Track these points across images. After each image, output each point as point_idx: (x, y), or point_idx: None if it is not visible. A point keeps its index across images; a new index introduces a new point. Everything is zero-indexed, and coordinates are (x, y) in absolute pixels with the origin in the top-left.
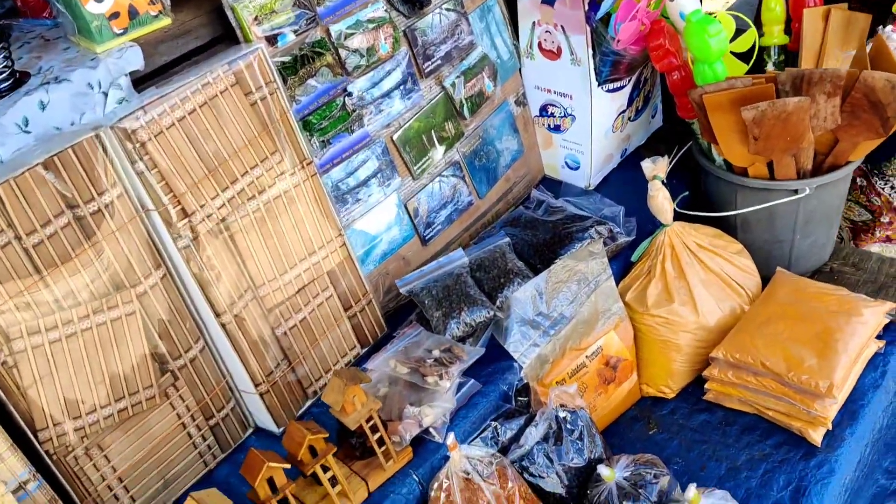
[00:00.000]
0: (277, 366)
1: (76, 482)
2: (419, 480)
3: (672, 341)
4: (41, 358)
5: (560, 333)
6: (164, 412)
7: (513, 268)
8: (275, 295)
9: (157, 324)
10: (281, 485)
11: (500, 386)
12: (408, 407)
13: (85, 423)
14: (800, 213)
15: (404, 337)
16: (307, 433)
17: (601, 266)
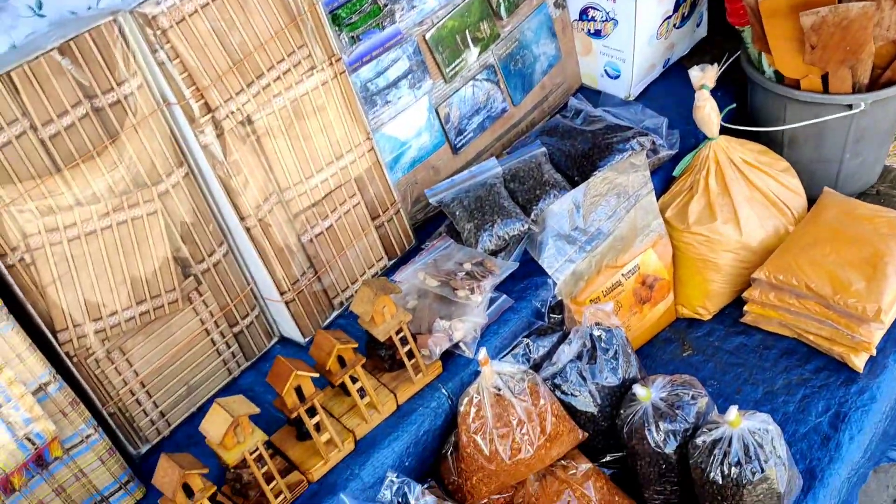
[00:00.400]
0: (303, 274)
1: (97, 385)
2: (448, 395)
3: (712, 261)
4: (60, 256)
5: (596, 250)
6: (187, 317)
7: (549, 179)
8: (301, 200)
9: (179, 225)
10: (309, 394)
11: (533, 302)
12: (438, 321)
13: (106, 326)
14: (851, 130)
15: (433, 249)
16: (336, 342)
17: (642, 180)
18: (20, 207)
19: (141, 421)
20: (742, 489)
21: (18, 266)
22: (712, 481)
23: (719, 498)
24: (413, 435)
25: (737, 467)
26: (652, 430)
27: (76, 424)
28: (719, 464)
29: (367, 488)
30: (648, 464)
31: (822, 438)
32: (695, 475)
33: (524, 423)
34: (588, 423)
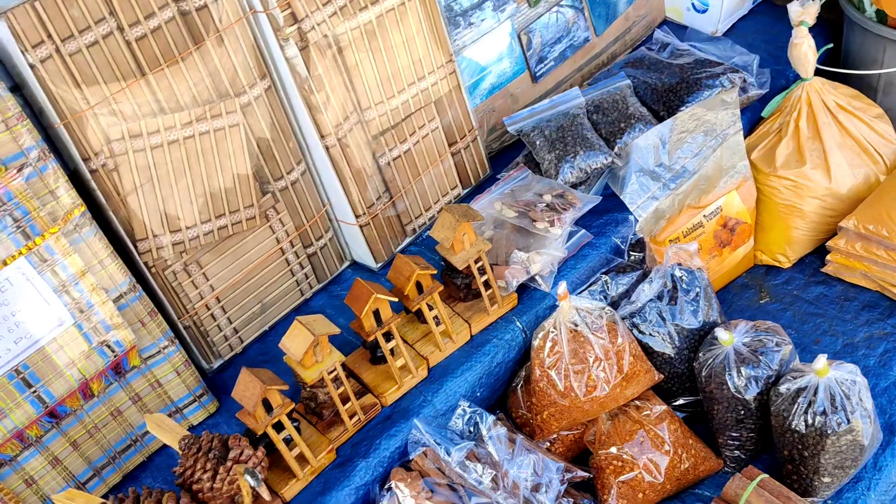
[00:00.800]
0: (378, 198)
1: (174, 298)
2: (523, 328)
3: (797, 207)
4: (142, 164)
5: (680, 188)
6: (263, 235)
7: (634, 112)
8: (380, 121)
9: (259, 140)
10: (386, 318)
11: (613, 239)
12: (515, 252)
13: (184, 238)
14: None
15: (510, 179)
16: (416, 268)
17: (731, 118)
18: (105, 111)
19: (215, 336)
20: (825, 439)
21: (101, 171)
22: (794, 430)
23: (800, 447)
24: (486, 366)
25: (822, 417)
26: (733, 375)
27: (154, 335)
28: (803, 412)
29: (438, 415)
30: (726, 409)
31: None
32: (776, 423)
33: (601, 361)
34: (664, 364)
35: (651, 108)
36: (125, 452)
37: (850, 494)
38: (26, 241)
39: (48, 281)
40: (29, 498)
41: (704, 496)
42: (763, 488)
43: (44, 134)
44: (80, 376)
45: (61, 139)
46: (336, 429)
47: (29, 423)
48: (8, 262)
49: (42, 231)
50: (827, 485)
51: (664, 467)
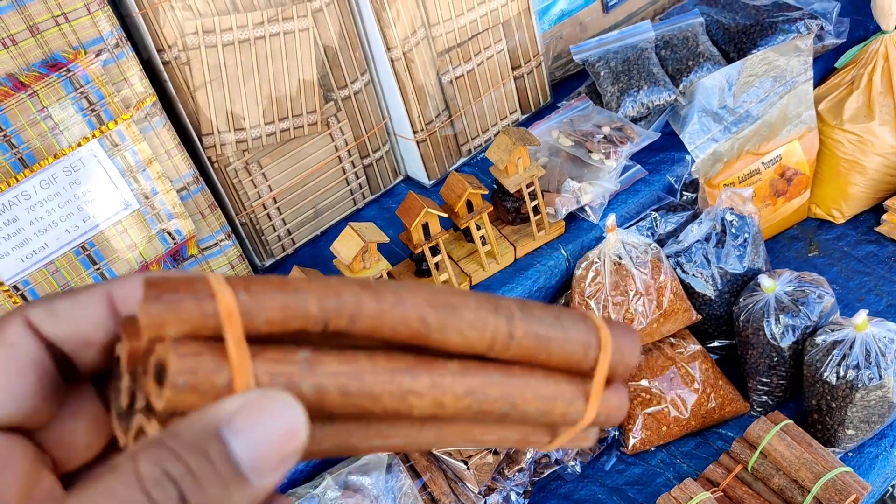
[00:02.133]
0: (437, 115)
1: (233, 194)
2: (567, 256)
3: (859, 162)
4: (213, 60)
5: (741, 133)
6: (323, 141)
7: (704, 51)
8: (447, 38)
9: (327, 47)
10: (435, 233)
11: (667, 177)
12: (568, 181)
13: (247, 137)
14: None
15: (571, 108)
16: (468, 185)
17: (803, 65)
18: (180, 4)
19: (269, 235)
20: (855, 393)
21: (174, 64)
22: (825, 381)
23: (829, 398)
24: (527, 289)
25: (854, 370)
26: (771, 321)
27: (212, 227)
28: (836, 364)
29: None
30: (759, 355)
31: None
32: (807, 372)
33: (641, 295)
34: (704, 305)
35: (721, 49)
36: None
37: (872, 449)
38: (100, 125)
39: (117, 165)
40: None
41: (728, 436)
42: (786, 433)
43: (122, 22)
44: (140, 259)
45: (138, 29)
46: None
47: None
48: (82, 143)
49: (115, 116)
50: (851, 437)
51: (691, 404)
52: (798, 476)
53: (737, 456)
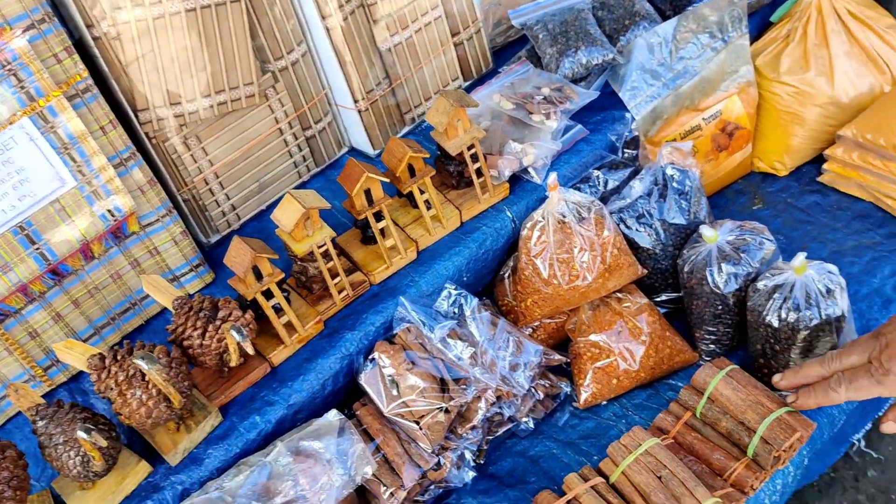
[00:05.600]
0: (378, 84)
1: (174, 170)
2: (513, 218)
3: (798, 114)
4: (144, 34)
5: (680, 89)
6: (263, 114)
7: (640, 10)
8: (383, 6)
9: (261, 17)
10: (378, 198)
11: (608, 135)
12: (510, 143)
13: (184, 111)
14: None
15: (511, 73)
16: (408, 150)
17: (738, 21)
18: None
19: (213, 211)
20: (797, 334)
21: (104, 39)
22: (768, 324)
23: (772, 341)
24: (473, 252)
25: (795, 312)
26: (713, 271)
27: (153, 203)
28: (778, 308)
29: (425, 296)
30: (705, 304)
31: (884, 301)
32: (751, 318)
33: (585, 252)
34: (649, 259)
35: (658, 7)
36: (124, 314)
37: None
38: (30, 102)
39: (51, 142)
40: (32, 350)
41: (677, 386)
42: (731, 377)
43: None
44: (81, 237)
45: (66, 5)
46: (325, 302)
47: (32, 278)
48: (13, 120)
49: (45, 93)
50: None
51: (639, 356)
52: (744, 418)
53: (685, 403)
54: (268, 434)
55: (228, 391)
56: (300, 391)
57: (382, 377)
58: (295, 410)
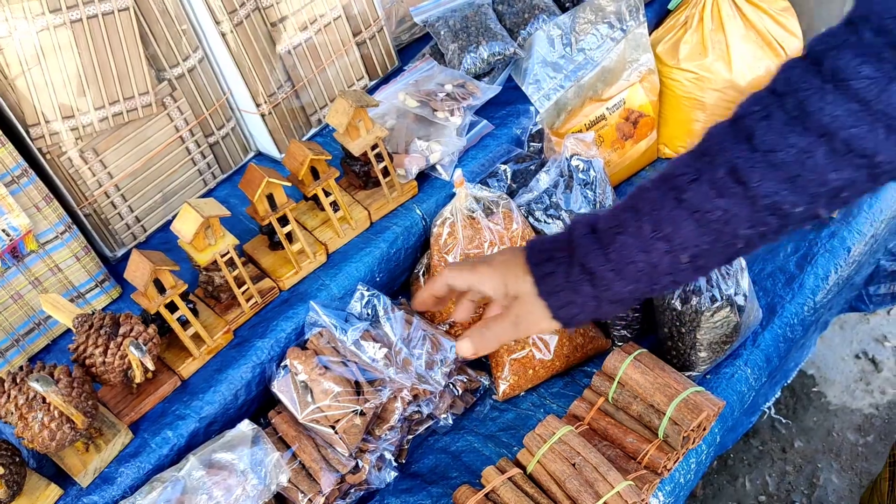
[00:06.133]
0: (280, 87)
1: (71, 185)
2: (423, 216)
3: (698, 99)
4: (28, 47)
5: (582, 80)
6: (162, 123)
7: (539, 3)
8: (279, 8)
9: (151, 25)
10: (281, 203)
11: (513, 129)
12: (415, 141)
13: (78, 125)
14: None
15: (416, 70)
16: (309, 153)
17: (635, 10)
18: None
19: (116, 224)
20: (700, 316)
21: None
22: (673, 308)
23: (678, 324)
24: (385, 251)
25: (696, 295)
26: None
27: (50, 220)
28: (680, 291)
29: (336, 299)
30: None
31: (788, 278)
32: (656, 303)
33: (495, 246)
34: None
35: (556, 0)
36: (29, 335)
37: (729, 369)
38: None
39: None
40: None
41: (591, 372)
42: (640, 361)
43: None
44: None
45: None
46: (233, 311)
47: None
48: None
49: None
50: (704, 359)
51: (553, 345)
52: (654, 400)
53: (598, 389)
54: (181, 448)
55: (138, 408)
56: (212, 403)
57: (296, 384)
58: (208, 423)
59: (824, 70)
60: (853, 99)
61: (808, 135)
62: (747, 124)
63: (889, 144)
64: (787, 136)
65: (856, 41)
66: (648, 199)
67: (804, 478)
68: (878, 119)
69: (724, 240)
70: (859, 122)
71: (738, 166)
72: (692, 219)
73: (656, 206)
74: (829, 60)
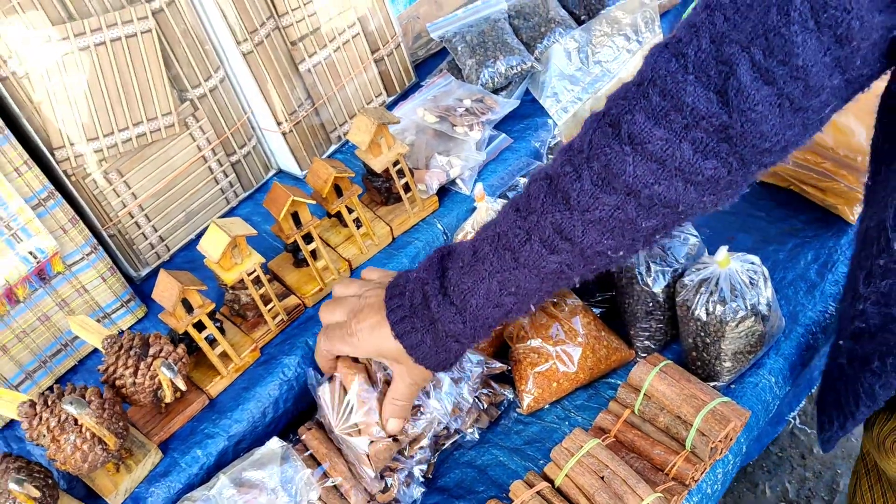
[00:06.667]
0: (301, 105)
1: (96, 206)
2: (444, 230)
3: None
4: (53, 71)
5: (599, 92)
6: (184, 143)
7: (555, 16)
8: (299, 27)
9: (174, 46)
10: (305, 221)
11: (532, 143)
12: (435, 156)
13: (102, 146)
14: None
15: (433, 86)
16: (332, 170)
17: (651, 21)
18: (12, 17)
19: (140, 244)
20: (725, 326)
21: (12, 79)
22: (697, 318)
23: (703, 334)
24: (407, 266)
25: (721, 305)
26: (642, 269)
27: (77, 241)
28: (705, 302)
29: None
30: (636, 302)
31: (809, 286)
32: (681, 313)
33: None
34: None
35: (572, 13)
36: (56, 356)
37: (753, 378)
38: None
39: None
40: None
41: (616, 385)
42: (665, 373)
43: None
44: (3, 282)
45: None
46: (260, 329)
47: None
48: None
49: None
50: (729, 369)
51: (577, 358)
52: (681, 412)
53: (623, 401)
54: (210, 467)
55: (167, 427)
56: (240, 421)
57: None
58: (236, 441)
59: (622, 134)
60: (651, 159)
61: (617, 194)
62: (563, 187)
63: (688, 195)
64: (598, 197)
65: (646, 105)
66: (489, 261)
67: (824, 484)
68: (674, 175)
69: (561, 282)
70: (660, 178)
71: (562, 226)
72: (531, 274)
73: (497, 269)
74: (625, 125)
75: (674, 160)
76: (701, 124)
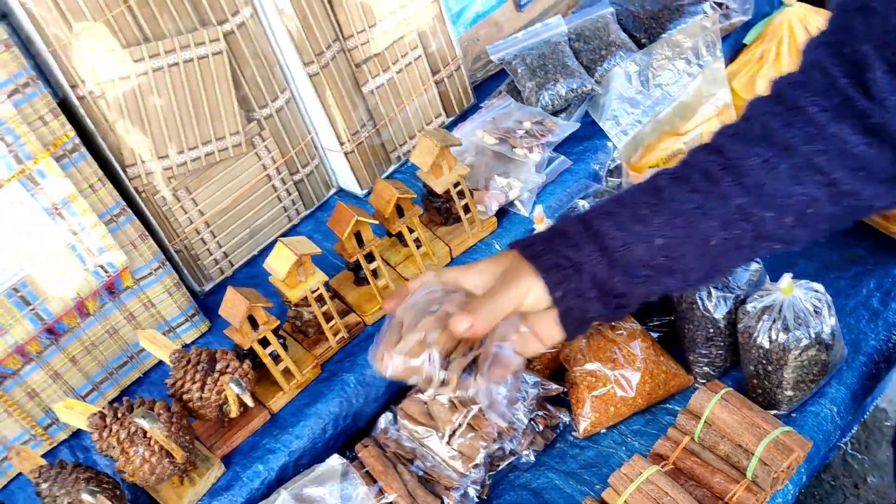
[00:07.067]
0: (363, 126)
1: (164, 222)
2: (501, 250)
3: None
4: (128, 91)
5: (660, 115)
6: (250, 161)
7: (615, 40)
8: (363, 49)
9: (243, 68)
10: (368, 240)
11: (591, 165)
12: (495, 178)
13: (172, 164)
14: None
15: (493, 108)
16: (395, 191)
17: (712, 45)
18: (90, 38)
19: (205, 259)
20: (788, 354)
21: (89, 98)
22: (759, 346)
23: (765, 362)
24: None
25: (785, 333)
26: (703, 295)
27: (146, 257)
28: (768, 329)
29: None
30: (696, 328)
31: (871, 314)
32: (742, 340)
33: None
34: None
35: (633, 36)
36: (122, 368)
37: (814, 408)
38: (19, 165)
39: (41, 203)
40: (32, 410)
41: (674, 410)
42: (727, 400)
43: (32, 62)
44: (75, 296)
45: (49, 67)
46: (321, 346)
47: (28, 338)
48: (3, 184)
49: (34, 156)
50: (790, 398)
51: (635, 382)
52: (742, 441)
53: (682, 428)
54: (271, 482)
55: (230, 441)
56: (301, 437)
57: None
58: (297, 457)
59: (785, 101)
60: (810, 124)
61: (773, 148)
62: (718, 141)
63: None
64: (752, 148)
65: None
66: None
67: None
68: (831, 143)
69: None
70: (815, 142)
71: (709, 170)
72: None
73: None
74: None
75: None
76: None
